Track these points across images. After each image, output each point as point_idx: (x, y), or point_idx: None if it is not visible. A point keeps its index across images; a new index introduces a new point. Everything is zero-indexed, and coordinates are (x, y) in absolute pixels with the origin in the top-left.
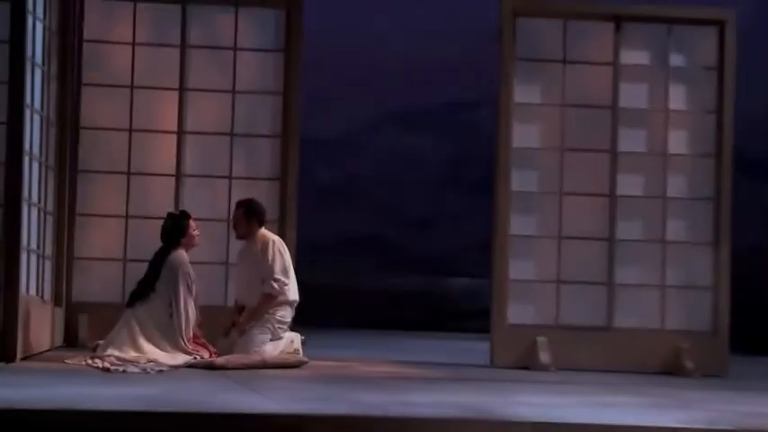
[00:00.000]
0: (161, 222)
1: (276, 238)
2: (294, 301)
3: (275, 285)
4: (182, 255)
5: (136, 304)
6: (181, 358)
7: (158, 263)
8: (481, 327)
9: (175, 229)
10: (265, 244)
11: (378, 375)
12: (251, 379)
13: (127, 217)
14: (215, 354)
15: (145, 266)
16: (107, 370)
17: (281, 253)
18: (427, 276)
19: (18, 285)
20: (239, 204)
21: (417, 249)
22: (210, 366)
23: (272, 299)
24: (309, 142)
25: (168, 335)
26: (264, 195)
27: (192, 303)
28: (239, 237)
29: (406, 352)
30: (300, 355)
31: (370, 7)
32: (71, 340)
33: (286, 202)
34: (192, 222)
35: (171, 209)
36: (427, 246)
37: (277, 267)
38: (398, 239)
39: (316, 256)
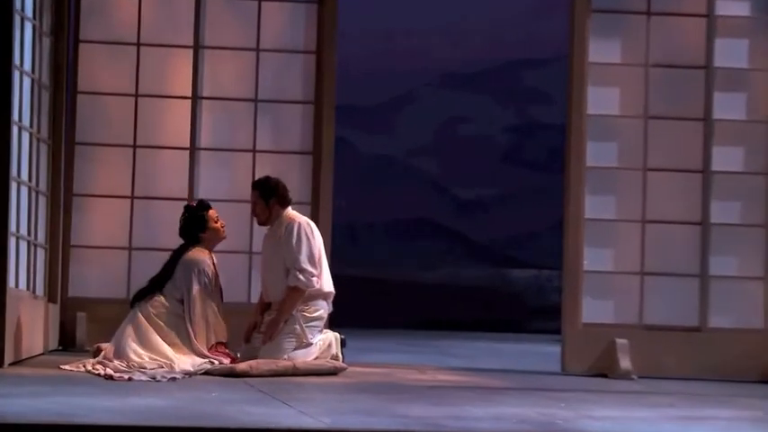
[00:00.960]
0: (172, 204)
1: (304, 219)
2: (329, 294)
3: (300, 277)
4: (199, 252)
5: (140, 303)
6: (196, 363)
7: (172, 262)
8: (550, 327)
9: (193, 222)
10: (290, 227)
11: (427, 384)
12: (279, 388)
13: (132, 198)
14: (235, 360)
15: (153, 256)
16: (110, 377)
17: (308, 237)
18: (485, 267)
19: (5, 278)
20: (253, 186)
21: (473, 235)
22: (231, 373)
23: (298, 293)
24: (347, 109)
25: (180, 336)
26: (295, 172)
27: (213, 306)
28: (261, 223)
29: (460, 357)
30: (341, 361)
31: None
32: (67, 342)
33: (320, 179)
34: (212, 213)
35: (184, 188)
36: (485, 231)
37: (303, 254)
38: (451, 223)
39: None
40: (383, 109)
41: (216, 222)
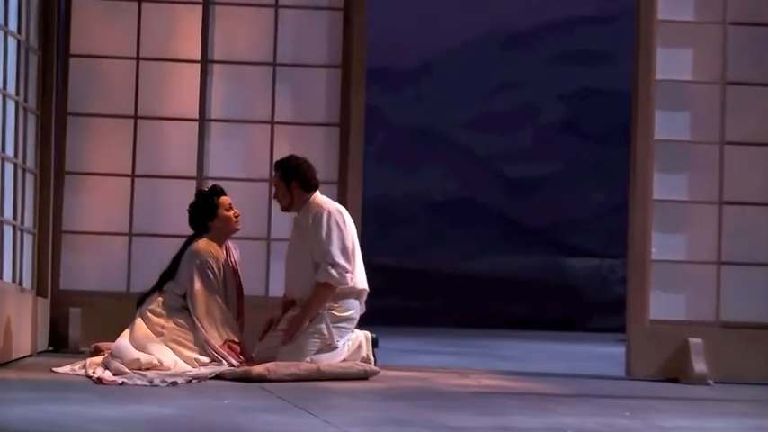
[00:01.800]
0: (178, 184)
1: (334, 206)
2: (363, 292)
3: (333, 272)
4: (204, 243)
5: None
6: (202, 369)
7: (179, 255)
8: (612, 324)
9: (201, 209)
10: (318, 216)
11: (471, 390)
12: (301, 395)
13: (133, 176)
14: (249, 362)
15: (157, 243)
16: (99, 381)
17: (339, 227)
18: (538, 256)
19: None
20: (275, 165)
21: (524, 219)
22: (246, 377)
23: (328, 290)
24: (378, 74)
25: (184, 330)
26: (319, 146)
27: (220, 302)
28: (283, 209)
29: (509, 359)
30: (372, 364)
31: None
32: (59, 342)
33: (348, 155)
34: (225, 200)
35: (192, 165)
36: (537, 214)
37: (335, 246)
38: (498, 205)
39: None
40: (420, 73)
41: (228, 211)
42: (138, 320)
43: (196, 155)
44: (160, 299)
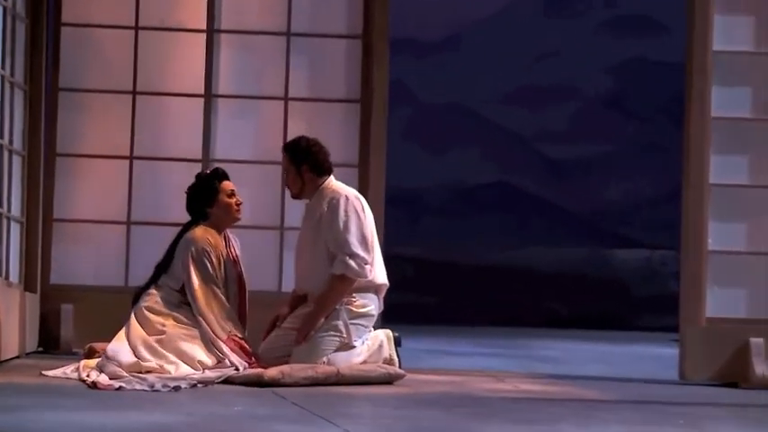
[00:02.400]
0: (181, 167)
1: (351, 192)
2: (382, 287)
3: (351, 263)
4: (201, 231)
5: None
6: (211, 370)
7: (172, 246)
8: (664, 323)
9: (200, 193)
10: (334, 201)
11: (508, 396)
12: (318, 401)
13: (132, 158)
14: (259, 364)
15: (158, 232)
16: (94, 386)
17: (358, 214)
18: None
19: None
20: (284, 149)
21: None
22: (258, 381)
23: (345, 283)
24: (404, 45)
25: (183, 325)
26: (337, 125)
27: (221, 296)
28: (294, 196)
29: (550, 361)
30: (396, 366)
31: None
32: (50, 342)
33: (370, 135)
34: (227, 185)
35: (197, 145)
36: (582, 200)
37: (353, 235)
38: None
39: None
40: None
41: (229, 197)
42: (135, 319)
43: (201, 135)
44: (157, 294)
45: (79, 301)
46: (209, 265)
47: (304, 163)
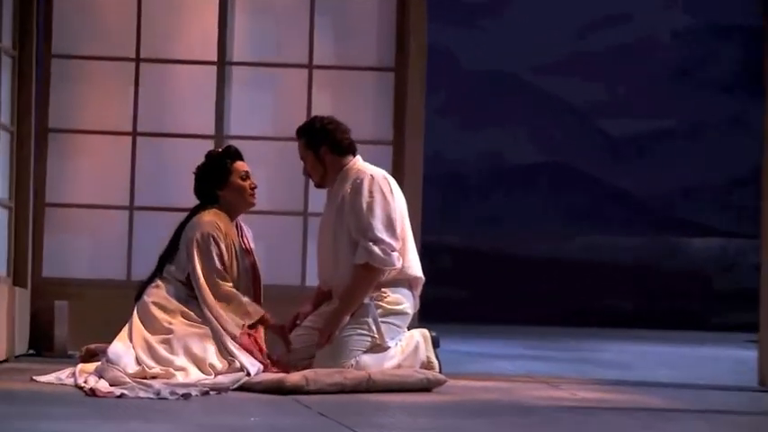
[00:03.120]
0: (191, 145)
1: (378, 171)
2: (417, 281)
3: (375, 249)
4: (209, 215)
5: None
6: (225, 375)
7: (177, 232)
8: (742, 321)
9: (210, 173)
10: (357, 182)
11: (564, 405)
12: (347, 410)
13: (135, 134)
14: (278, 367)
15: (164, 219)
16: (92, 393)
17: (384, 195)
18: (648, 235)
19: None
20: (297, 133)
21: (631, 187)
22: (278, 388)
23: (370, 274)
24: (444, 6)
25: (192, 321)
26: (368, 96)
27: (230, 284)
28: (318, 184)
29: (610, 365)
30: (435, 371)
31: None
32: (43, 343)
33: (405, 108)
34: (241, 166)
35: (209, 120)
36: (648, 182)
37: (377, 218)
38: (597, 171)
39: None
40: (497, 4)
41: (243, 180)
42: (138, 317)
43: (214, 108)
44: (163, 287)
45: (75, 296)
46: (215, 252)
47: (322, 144)
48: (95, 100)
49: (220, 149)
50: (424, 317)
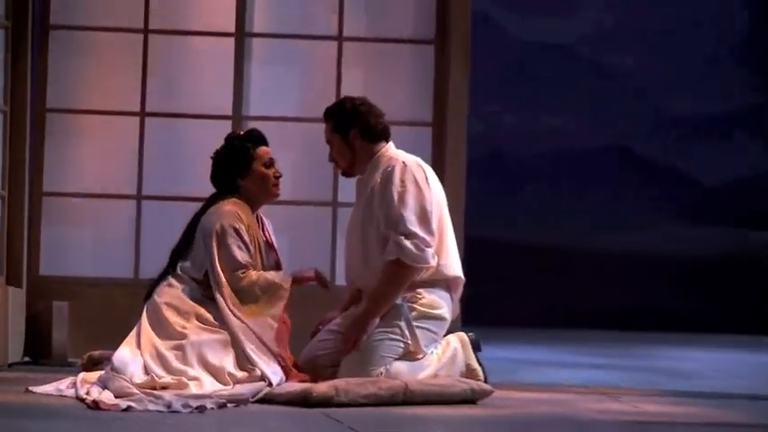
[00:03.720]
0: (206, 126)
1: (412, 159)
2: (455, 281)
3: (407, 244)
4: (227, 205)
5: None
6: (243, 385)
7: (191, 225)
8: None
9: (230, 160)
10: (388, 172)
11: (625, 420)
12: (381, 425)
13: (143, 114)
14: (301, 376)
15: (177, 209)
16: (96, 405)
17: (418, 185)
18: (721, 228)
19: None
20: (325, 115)
21: (701, 175)
22: (305, 400)
23: (402, 272)
24: None
25: (214, 331)
26: (406, 72)
27: (252, 279)
28: (345, 172)
29: (677, 374)
30: (480, 379)
31: None
32: (40, 349)
33: (447, 85)
34: (264, 152)
35: (226, 98)
36: (717, 168)
37: (409, 210)
38: (664, 156)
39: (500, 189)
40: None
41: (268, 168)
42: (148, 320)
43: (232, 85)
44: (177, 286)
45: (76, 297)
46: (238, 245)
47: (352, 127)
48: (99, 76)
49: (242, 132)
50: (465, 319)
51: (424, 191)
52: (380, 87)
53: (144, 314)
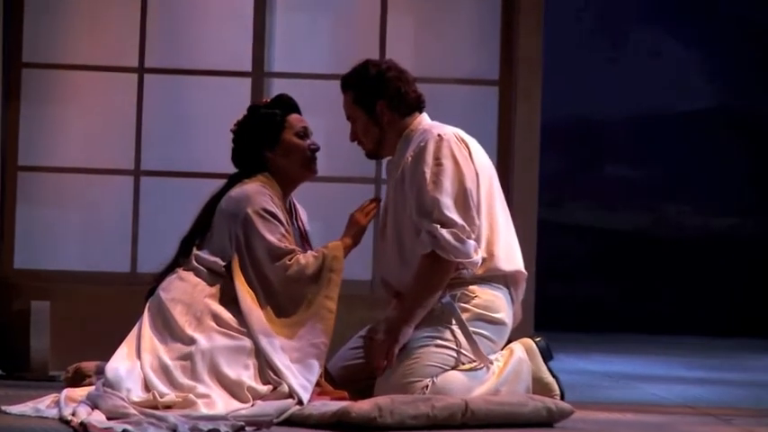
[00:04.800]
0: (219, 84)
1: (450, 131)
2: (516, 276)
3: (443, 234)
4: (254, 185)
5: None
6: (266, 401)
7: (207, 208)
8: None
9: (256, 133)
10: (421, 147)
11: None
12: None
13: (141, 71)
14: (336, 392)
15: (184, 187)
16: (83, 429)
17: (456, 162)
18: None
19: None
20: (342, 84)
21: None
22: (341, 421)
23: (440, 268)
24: None
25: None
26: (466, 19)
27: (291, 272)
28: (371, 152)
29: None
30: (555, 395)
31: None
32: (14, 360)
33: (516, 33)
34: (296, 120)
35: (245, 54)
36: None
37: (445, 193)
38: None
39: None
40: None
41: (302, 138)
42: (149, 323)
43: (251, 38)
44: (188, 281)
45: (60, 295)
46: (273, 231)
47: (379, 99)
48: (87, 25)
49: (267, 100)
50: (536, 322)
51: (463, 169)
52: (434, 39)
53: (145, 315)
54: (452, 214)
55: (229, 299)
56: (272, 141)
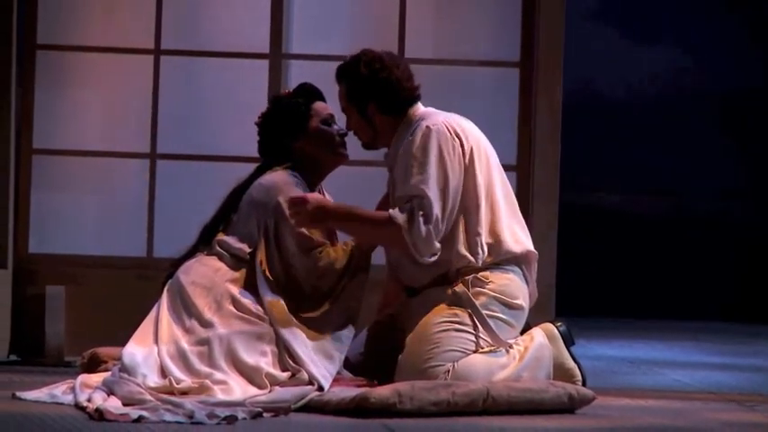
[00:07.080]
0: (237, 68)
1: (441, 119)
2: (526, 255)
3: (421, 226)
4: (281, 175)
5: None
6: (285, 387)
7: (236, 194)
8: None
9: (281, 120)
10: (409, 140)
11: None
12: None
13: (157, 54)
14: (357, 380)
15: (201, 171)
16: (100, 415)
17: (441, 155)
18: None
19: None
20: (337, 74)
21: None
22: (360, 407)
23: (396, 241)
24: None
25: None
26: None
27: (321, 263)
28: (368, 144)
29: None
30: (577, 381)
31: None
32: (29, 345)
33: (537, 13)
34: (322, 107)
35: (262, 33)
36: None
37: (430, 175)
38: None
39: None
40: None
41: (328, 125)
42: (168, 308)
43: (268, 19)
44: (209, 266)
45: (75, 280)
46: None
47: (370, 100)
48: (103, 6)
49: (289, 90)
50: (559, 308)
51: (447, 163)
52: (455, 19)
53: (164, 297)
54: (436, 211)
55: (251, 285)
56: (298, 131)
